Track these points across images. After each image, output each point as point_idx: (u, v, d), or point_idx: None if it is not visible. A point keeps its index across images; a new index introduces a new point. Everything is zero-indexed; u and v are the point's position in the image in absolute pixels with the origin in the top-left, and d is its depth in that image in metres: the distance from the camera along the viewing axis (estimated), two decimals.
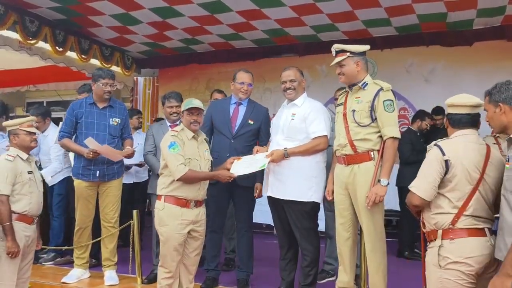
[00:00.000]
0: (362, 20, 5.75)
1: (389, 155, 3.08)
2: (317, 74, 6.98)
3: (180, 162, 3.23)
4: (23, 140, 3.43)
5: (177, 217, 3.27)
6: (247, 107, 3.98)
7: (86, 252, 4.29)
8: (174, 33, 6.31)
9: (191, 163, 3.30)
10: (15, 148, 3.43)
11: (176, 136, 3.33)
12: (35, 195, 3.43)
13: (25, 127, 3.45)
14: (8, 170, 3.27)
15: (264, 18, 5.69)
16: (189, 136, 3.38)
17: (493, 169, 2.43)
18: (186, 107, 3.38)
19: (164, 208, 3.30)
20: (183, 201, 3.29)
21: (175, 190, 3.29)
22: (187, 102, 3.43)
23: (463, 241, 2.39)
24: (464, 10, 5.42)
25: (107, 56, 6.82)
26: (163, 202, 3.31)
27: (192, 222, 3.33)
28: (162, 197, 3.32)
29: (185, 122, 3.40)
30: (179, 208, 3.28)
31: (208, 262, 4.01)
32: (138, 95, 8.20)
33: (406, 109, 6.62)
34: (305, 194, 3.45)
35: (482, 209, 2.42)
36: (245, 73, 3.97)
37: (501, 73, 6.00)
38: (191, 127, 3.39)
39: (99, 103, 4.19)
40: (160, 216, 3.32)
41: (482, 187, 2.42)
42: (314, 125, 3.48)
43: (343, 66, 3.25)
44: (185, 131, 3.39)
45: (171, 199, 3.29)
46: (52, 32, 5.73)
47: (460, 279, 2.36)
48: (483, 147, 2.48)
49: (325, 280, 4.19)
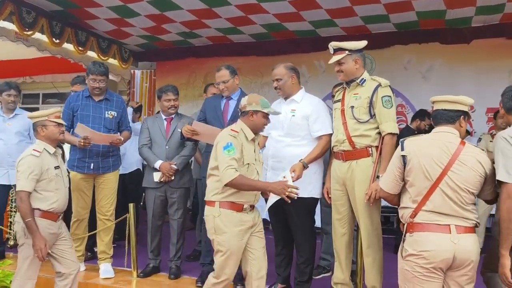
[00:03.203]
0: (361, 16, 5.74)
1: (388, 151, 3.08)
2: (316, 70, 6.98)
3: (231, 166, 2.88)
4: (52, 132, 3.34)
5: (236, 223, 2.96)
6: (238, 100, 3.94)
7: (82, 245, 4.28)
8: (171, 26, 6.28)
9: (249, 168, 3.00)
10: (41, 141, 3.33)
11: (235, 137, 2.97)
12: (62, 191, 3.34)
13: (53, 118, 3.36)
14: (34, 167, 3.17)
15: (263, 12, 5.67)
16: (250, 137, 3.05)
17: (465, 170, 2.43)
18: (266, 110, 3.06)
19: (220, 214, 2.96)
20: (240, 205, 2.98)
21: (231, 196, 2.97)
22: (265, 103, 3.07)
23: (420, 235, 2.46)
24: (463, 8, 5.42)
25: (104, 49, 6.78)
26: (218, 208, 2.97)
27: (251, 227, 3.04)
28: (216, 203, 2.99)
29: (256, 123, 3.06)
30: (237, 213, 2.97)
31: (204, 256, 4.00)
32: (135, 88, 8.17)
33: (403, 106, 6.63)
34: (305, 189, 3.42)
35: (445, 206, 2.43)
36: (217, 73, 3.92)
37: (499, 71, 6.04)
38: (260, 130, 3.12)
39: (95, 96, 4.17)
40: (216, 223, 2.97)
41: (446, 185, 2.43)
42: (318, 123, 3.45)
43: (342, 64, 3.24)
44: (246, 131, 3.04)
45: (227, 204, 2.97)
46: (49, 23, 5.69)
47: (415, 271, 2.45)
48: (452, 145, 2.48)
49: (321, 275, 4.19)
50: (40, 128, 3.33)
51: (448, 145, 2.48)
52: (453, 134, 2.54)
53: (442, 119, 2.58)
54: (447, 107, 2.57)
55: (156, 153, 4.17)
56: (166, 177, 4.08)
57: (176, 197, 4.18)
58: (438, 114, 2.60)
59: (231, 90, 3.91)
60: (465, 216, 2.43)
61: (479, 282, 2.62)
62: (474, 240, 2.45)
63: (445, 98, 2.59)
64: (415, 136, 2.67)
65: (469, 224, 2.44)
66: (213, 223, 2.98)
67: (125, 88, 8.40)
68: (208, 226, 3.04)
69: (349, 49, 3.21)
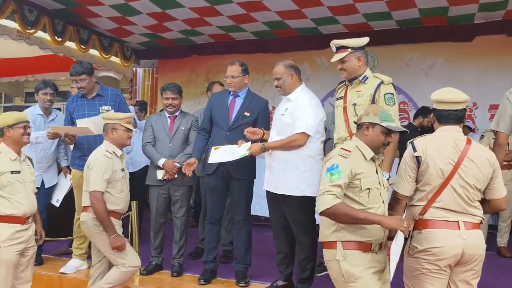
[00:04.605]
0: (363, 14, 5.73)
1: (390, 148, 3.06)
2: (317, 67, 6.97)
3: (329, 192, 2.38)
4: (121, 136, 3.42)
5: (368, 265, 2.43)
6: (245, 99, 3.95)
7: (85, 243, 4.28)
8: (173, 24, 6.28)
9: (371, 194, 2.46)
10: (110, 144, 3.40)
11: (345, 158, 2.44)
12: (125, 193, 3.47)
13: (124, 123, 3.42)
14: (106, 168, 3.27)
15: (265, 9, 5.67)
16: (368, 156, 2.51)
17: (473, 167, 2.47)
18: (385, 123, 2.50)
19: (345, 257, 2.42)
20: (367, 244, 2.44)
21: (355, 233, 2.43)
22: (386, 115, 2.53)
23: (429, 231, 2.47)
24: (466, 5, 5.40)
25: (106, 47, 6.79)
26: (342, 250, 2.44)
27: (382, 270, 2.51)
28: (338, 243, 2.45)
29: (372, 138, 2.53)
30: (366, 254, 2.44)
31: (206, 254, 4.01)
32: (137, 86, 8.17)
33: (406, 103, 6.62)
34: (297, 188, 3.42)
35: (455, 203, 2.47)
36: (229, 66, 3.94)
37: (501, 68, 6.02)
38: (378, 149, 2.57)
39: (88, 95, 4.21)
40: (344, 269, 2.42)
41: (456, 182, 2.46)
42: (297, 121, 3.43)
43: (345, 62, 3.24)
44: (363, 149, 2.51)
45: (352, 244, 2.43)
46: (51, 21, 5.70)
47: (423, 267, 2.47)
48: (460, 143, 2.51)
49: (323, 273, 4.18)
50: (111, 130, 3.42)
51: (458, 142, 2.51)
52: (460, 132, 2.57)
53: (454, 120, 2.57)
54: (458, 107, 2.57)
55: (160, 151, 4.18)
56: (170, 175, 4.09)
57: (179, 195, 4.19)
58: (450, 114, 2.57)
59: (238, 86, 3.90)
60: (472, 213, 2.48)
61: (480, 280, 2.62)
62: (481, 236, 2.50)
63: (456, 99, 2.57)
64: (422, 136, 2.65)
65: (476, 220, 2.49)
66: (340, 269, 2.44)
67: (127, 86, 8.41)
68: (334, 275, 2.50)
69: (351, 46, 3.21)
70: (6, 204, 3.12)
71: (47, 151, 4.48)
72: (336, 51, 3.27)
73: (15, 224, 3.14)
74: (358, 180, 2.43)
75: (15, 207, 3.14)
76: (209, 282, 3.89)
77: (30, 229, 3.26)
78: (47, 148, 4.47)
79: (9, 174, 3.13)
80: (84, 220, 3.38)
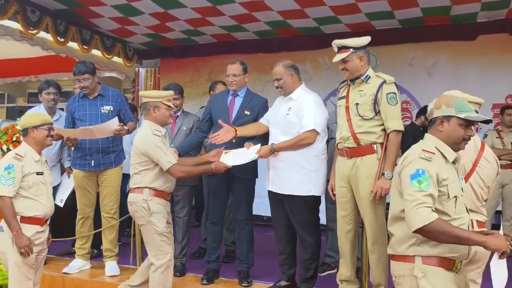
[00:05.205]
0: (365, 13, 5.71)
1: (393, 148, 3.08)
2: (320, 67, 6.94)
3: (424, 204, 2.05)
4: (163, 114, 3.36)
5: (451, 283, 2.13)
6: (244, 98, 3.95)
7: (87, 243, 4.30)
8: (175, 24, 6.28)
9: (457, 203, 2.15)
10: (152, 123, 3.35)
11: (429, 161, 2.14)
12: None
13: (165, 101, 3.36)
14: (162, 144, 3.26)
15: (267, 9, 5.66)
16: (450, 157, 2.21)
17: (488, 166, 2.52)
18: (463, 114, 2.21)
19: (425, 274, 2.11)
20: (451, 262, 2.15)
21: (436, 246, 2.10)
22: (463, 105, 2.23)
23: None
24: (468, 3, 5.38)
25: (108, 47, 6.79)
26: (422, 265, 2.11)
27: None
28: (417, 258, 2.12)
29: (450, 134, 2.23)
30: (449, 273, 2.15)
31: (209, 254, 4.01)
32: (139, 86, 8.17)
33: (408, 102, 6.60)
34: (304, 188, 3.44)
35: (471, 202, 2.48)
36: (230, 65, 3.95)
37: (504, 66, 6.00)
38: (458, 146, 2.25)
39: (89, 95, 4.20)
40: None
41: (474, 180, 2.49)
42: (304, 119, 3.45)
43: (347, 62, 3.23)
44: (443, 149, 2.22)
45: (434, 260, 2.12)
46: (53, 22, 5.69)
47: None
48: (478, 142, 2.56)
49: (326, 272, 4.19)
50: (153, 108, 3.35)
51: (476, 142, 2.54)
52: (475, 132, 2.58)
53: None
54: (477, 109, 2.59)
55: None
56: None
57: (182, 195, 4.19)
58: None
59: (239, 85, 3.91)
60: (481, 212, 2.52)
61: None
62: None
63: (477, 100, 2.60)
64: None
65: (483, 219, 2.53)
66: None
67: (130, 86, 8.42)
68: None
69: (353, 46, 3.20)
70: (31, 205, 3.12)
71: (51, 152, 4.49)
72: (337, 51, 3.26)
73: (36, 226, 3.15)
74: (445, 187, 2.12)
75: (39, 209, 3.15)
76: (212, 282, 3.90)
77: (46, 231, 3.27)
78: (51, 148, 4.47)
79: (34, 175, 3.15)
80: (134, 201, 3.37)
